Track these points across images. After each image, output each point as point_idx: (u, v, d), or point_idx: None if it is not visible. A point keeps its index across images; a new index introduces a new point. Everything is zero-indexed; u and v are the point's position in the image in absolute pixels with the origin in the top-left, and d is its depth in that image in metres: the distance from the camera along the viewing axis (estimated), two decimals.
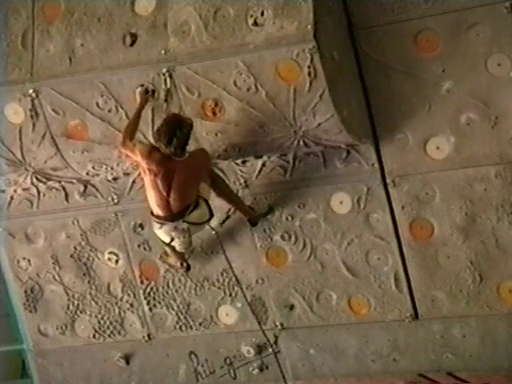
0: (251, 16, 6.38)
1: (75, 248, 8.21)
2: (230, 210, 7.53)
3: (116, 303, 8.30)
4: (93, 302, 8.37)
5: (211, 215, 6.91)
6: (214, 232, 7.29)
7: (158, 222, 6.80)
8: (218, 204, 7.30)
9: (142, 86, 6.78)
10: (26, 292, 8.48)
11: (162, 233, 6.86)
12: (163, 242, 7.05)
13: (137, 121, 6.76)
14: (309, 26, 6.17)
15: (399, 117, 6.99)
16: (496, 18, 6.60)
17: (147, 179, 6.63)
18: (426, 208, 7.16)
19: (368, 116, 7.07)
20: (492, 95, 6.77)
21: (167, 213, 6.66)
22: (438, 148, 7.00)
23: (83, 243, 8.18)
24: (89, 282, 8.32)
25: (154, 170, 6.53)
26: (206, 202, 6.84)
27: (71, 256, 8.25)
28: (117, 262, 8.13)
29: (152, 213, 6.81)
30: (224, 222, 7.60)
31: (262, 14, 6.34)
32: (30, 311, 8.53)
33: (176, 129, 6.37)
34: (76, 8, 6.99)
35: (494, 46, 6.67)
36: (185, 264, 7.69)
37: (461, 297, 7.32)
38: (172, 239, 6.88)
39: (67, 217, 8.11)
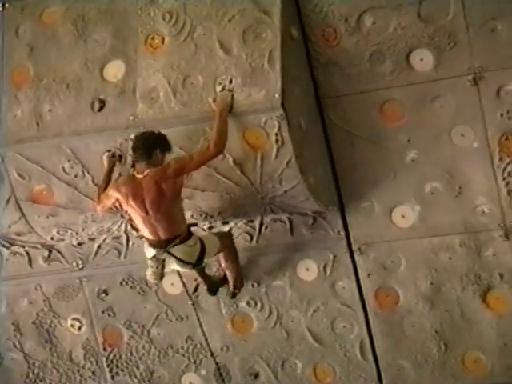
0: (219, 84, 6.44)
1: (37, 314, 8.09)
2: (197, 278, 7.50)
3: (78, 371, 8.17)
4: (54, 370, 8.23)
5: (199, 262, 6.66)
6: (190, 302, 7.28)
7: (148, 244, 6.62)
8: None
9: (109, 151, 6.79)
10: None
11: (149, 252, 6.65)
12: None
13: (107, 182, 6.73)
14: (276, 95, 6.25)
15: (365, 185, 7.06)
16: (459, 90, 6.73)
17: (127, 207, 6.50)
18: (391, 276, 7.19)
19: (334, 183, 7.13)
20: (456, 165, 6.87)
21: (155, 238, 6.49)
22: (403, 216, 7.06)
23: (46, 309, 8.06)
24: (50, 349, 8.19)
25: (124, 192, 6.40)
26: (202, 245, 6.65)
27: (33, 322, 8.12)
28: (80, 328, 8.01)
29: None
30: (196, 289, 7.54)
31: (231, 81, 6.42)
32: None
33: (141, 135, 6.34)
34: (45, 74, 7.01)
35: (457, 118, 6.80)
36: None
37: (426, 366, 7.32)
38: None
39: (30, 282, 7.99)
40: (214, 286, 7.46)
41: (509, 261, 6.94)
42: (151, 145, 6.31)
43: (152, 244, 6.52)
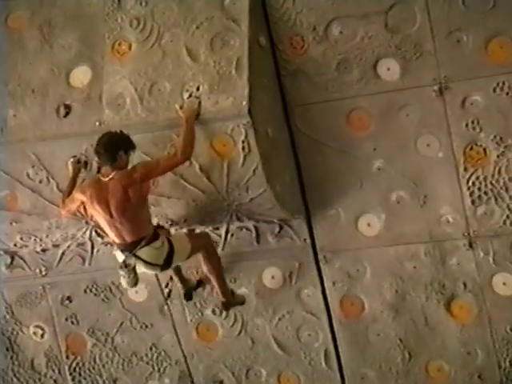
0: (187, 91, 6.44)
1: None
2: (168, 284, 7.47)
3: (39, 379, 8.12)
4: (15, 379, 8.15)
5: (167, 264, 6.54)
6: (166, 304, 7.34)
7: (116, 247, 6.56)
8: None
9: (75, 157, 6.76)
10: None
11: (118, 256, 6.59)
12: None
13: (71, 187, 6.68)
14: (244, 102, 6.25)
15: (331, 193, 7.08)
16: (425, 100, 6.77)
17: (91, 210, 6.44)
18: (356, 284, 7.21)
19: (301, 192, 7.14)
20: (421, 174, 6.91)
21: (120, 240, 6.41)
22: (369, 225, 7.09)
23: (8, 316, 7.99)
24: (11, 357, 8.12)
25: (89, 195, 6.34)
26: (171, 246, 6.53)
27: None
28: (42, 336, 7.95)
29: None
30: (169, 295, 7.51)
31: (198, 88, 6.41)
32: None
33: (105, 136, 6.25)
34: (9, 79, 6.96)
35: (423, 127, 6.83)
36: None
37: (390, 375, 7.34)
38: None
39: None
40: (191, 290, 7.45)
41: (472, 270, 6.98)
42: (115, 147, 6.24)
43: (118, 247, 6.47)
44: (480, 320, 7.07)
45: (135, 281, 6.49)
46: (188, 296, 7.43)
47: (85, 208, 6.58)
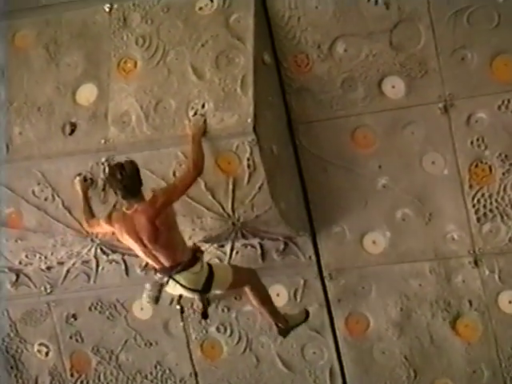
0: (192, 108, 6.45)
1: (3, 340, 7.98)
2: (179, 301, 7.45)
3: None
4: None
5: (206, 288, 6.50)
6: (181, 323, 7.35)
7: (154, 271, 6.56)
8: None
9: (80, 175, 6.77)
10: None
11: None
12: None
13: (86, 204, 6.70)
14: (249, 120, 6.27)
15: (337, 210, 7.07)
16: (430, 117, 6.78)
17: (125, 242, 6.41)
18: (362, 302, 7.19)
19: (306, 209, 7.13)
20: (427, 192, 6.90)
21: (159, 265, 6.38)
22: (374, 242, 7.08)
23: (12, 334, 7.96)
24: (16, 375, 8.09)
25: (118, 228, 6.31)
26: (211, 272, 6.52)
27: None
28: (47, 354, 7.92)
29: None
30: (183, 311, 7.47)
31: (203, 106, 6.42)
32: None
33: (118, 170, 6.12)
34: (16, 97, 6.99)
35: (428, 145, 6.83)
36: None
37: None
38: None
39: None
40: (207, 308, 7.37)
41: (478, 288, 6.97)
42: (138, 180, 6.19)
43: (158, 271, 6.44)
44: (486, 338, 7.05)
45: (155, 299, 6.47)
46: (205, 315, 7.39)
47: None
